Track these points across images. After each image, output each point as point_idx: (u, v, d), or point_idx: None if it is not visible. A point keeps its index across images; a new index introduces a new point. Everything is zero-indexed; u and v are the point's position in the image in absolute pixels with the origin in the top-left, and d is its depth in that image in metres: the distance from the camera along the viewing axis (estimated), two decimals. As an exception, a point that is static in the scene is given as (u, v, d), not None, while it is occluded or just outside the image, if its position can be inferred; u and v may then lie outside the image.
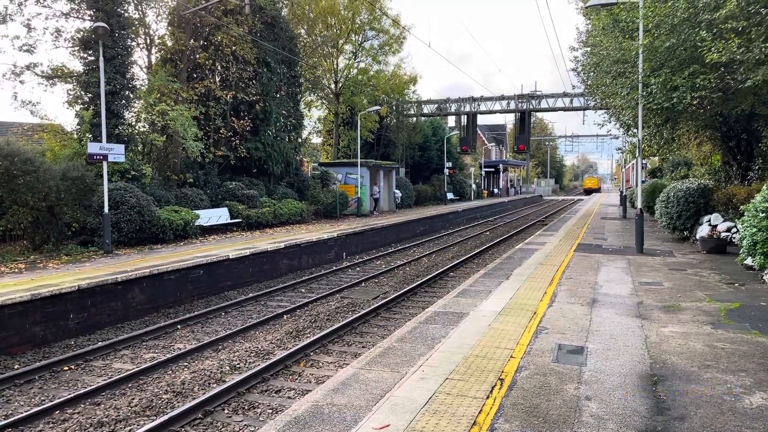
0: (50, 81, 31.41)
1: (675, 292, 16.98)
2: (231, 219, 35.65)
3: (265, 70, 40.76)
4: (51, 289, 17.25)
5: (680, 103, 22.81)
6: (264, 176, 42.89)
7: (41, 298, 16.88)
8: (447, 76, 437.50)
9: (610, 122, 41.75)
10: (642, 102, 24.64)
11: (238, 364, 14.98)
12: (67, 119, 51.78)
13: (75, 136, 31.04)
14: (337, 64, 58.59)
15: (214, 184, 37.78)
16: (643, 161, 55.42)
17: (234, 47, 37.38)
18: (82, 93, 30.08)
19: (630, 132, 36.87)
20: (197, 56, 37.81)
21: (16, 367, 15.11)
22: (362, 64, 61.93)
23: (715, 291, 17.17)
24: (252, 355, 15.77)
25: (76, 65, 31.47)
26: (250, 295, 23.30)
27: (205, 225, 33.25)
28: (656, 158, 59.58)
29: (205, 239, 31.32)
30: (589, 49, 35.05)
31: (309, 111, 59.76)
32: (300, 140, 47.87)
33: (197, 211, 32.73)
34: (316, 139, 68.69)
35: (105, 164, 26.16)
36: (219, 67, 39.32)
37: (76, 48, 30.37)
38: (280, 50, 41.99)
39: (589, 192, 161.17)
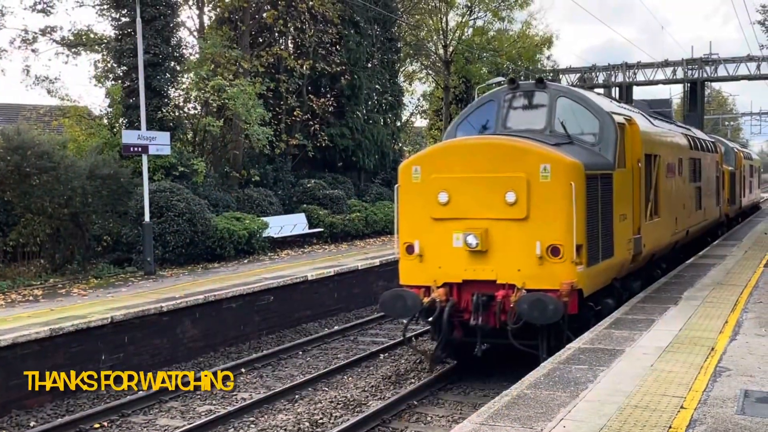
0: (72, 50, 31.97)
1: None
2: (309, 228, 35.96)
3: (353, 32, 40.93)
4: (76, 323, 17.55)
5: None
6: (352, 172, 42.95)
7: (63, 334, 17.14)
8: (595, 35, 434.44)
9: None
10: None
11: (321, 419, 15.07)
12: (95, 100, 52.55)
13: (105, 121, 31.54)
14: (446, 22, 58.34)
15: (288, 183, 38.01)
16: None
17: (311, 2, 37.46)
18: (114, 65, 30.43)
19: None
20: (263, 15, 38.01)
21: (32, 424, 15.40)
22: (479, 22, 61.65)
23: None
24: (339, 407, 15.84)
25: (106, 29, 32.05)
26: (336, 328, 23.51)
27: (275, 236, 33.55)
28: None
29: (276, 255, 31.63)
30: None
31: (410, 85, 59.75)
32: (399, 123, 48.01)
33: (265, 219, 33.02)
34: (421, 122, 68.56)
35: (145, 158, 26.48)
36: (292, 29, 39.46)
37: (106, 6, 30.74)
38: (371, 6, 42.04)
39: None
